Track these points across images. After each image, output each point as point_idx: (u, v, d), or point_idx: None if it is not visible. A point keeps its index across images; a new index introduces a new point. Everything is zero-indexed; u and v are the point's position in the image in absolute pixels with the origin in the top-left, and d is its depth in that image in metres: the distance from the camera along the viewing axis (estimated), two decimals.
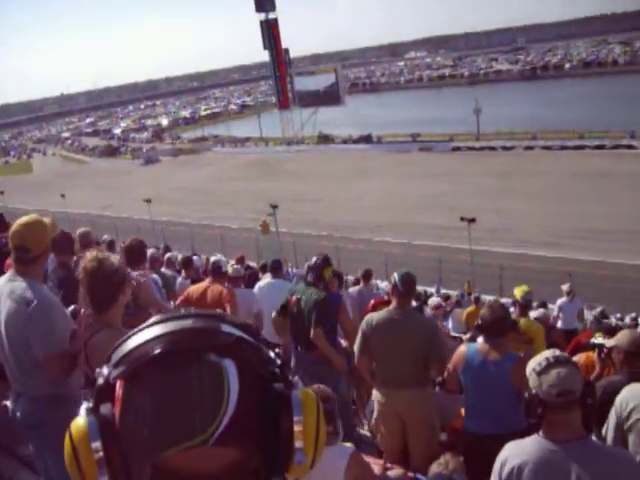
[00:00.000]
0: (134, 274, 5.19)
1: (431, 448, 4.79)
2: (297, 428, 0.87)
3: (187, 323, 0.84)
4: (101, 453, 0.83)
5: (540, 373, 2.76)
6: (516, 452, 2.77)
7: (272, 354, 0.90)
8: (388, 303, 7.22)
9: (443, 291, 22.26)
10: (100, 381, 0.87)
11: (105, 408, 0.86)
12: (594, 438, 3.59)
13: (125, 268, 3.53)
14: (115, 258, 3.48)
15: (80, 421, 0.86)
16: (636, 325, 12.53)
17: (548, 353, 2.82)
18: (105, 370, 0.87)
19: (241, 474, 0.81)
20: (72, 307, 3.55)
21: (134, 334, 0.86)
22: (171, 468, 0.78)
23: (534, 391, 2.77)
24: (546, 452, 2.66)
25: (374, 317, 4.98)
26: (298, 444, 0.87)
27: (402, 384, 4.82)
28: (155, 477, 0.79)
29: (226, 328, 0.85)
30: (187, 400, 0.77)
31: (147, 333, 0.84)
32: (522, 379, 4.18)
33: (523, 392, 4.16)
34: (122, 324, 3.45)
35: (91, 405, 0.87)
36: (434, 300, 8.84)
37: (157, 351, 0.80)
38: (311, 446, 0.88)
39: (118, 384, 0.85)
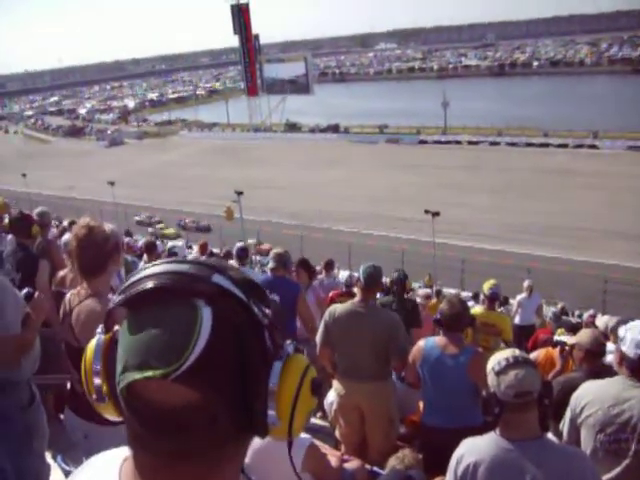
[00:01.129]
0: None
1: (389, 441, 4.78)
2: (274, 391, 0.89)
3: (183, 267, 0.88)
4: (98, 368, 0.97)
5: (499, 373, 2.75)
6: (472, 450, 2.77)
7: (261, 316, 0.90)
8: (346, 295, 7.21)
9: None
10: (110, 306, 0.94)
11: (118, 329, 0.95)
12: (551, 434, 3.62)
13: (118, 238, 3.44)
14: (108, 227, 3.39)
15: (94, 340, 1.00)
16: (593, 322, 12.68)
17: (508, 353, 2.81)
18: (115, 297, 0.92)
19: (197, 417, 0.84)
20: (25, 290, 3.43)
21: (145, 268, 0.92)
22: (137, 395, 0.85)
23: (492, 390, 2.77)
24: (502, 451, 2.66)
25: (337, 309, 4.95)
26: (272, 407, 0.89)
27: (363, 376, 4.79)
28: (126, 400, 0.88)
29: (217, 279, 0.88)
30: (159, 335, 0.83)
31: (151, 269, 0.90)
32: (479, 373, 4.17)
33: (480, 387, 4.18)
34: None
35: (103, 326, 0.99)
36: (424, 291, 8.82)
37: (148, 286, 0.86)
38: (286, 411, 0.90)
39: None
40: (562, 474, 2.54)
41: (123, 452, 0.98)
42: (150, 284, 0.87)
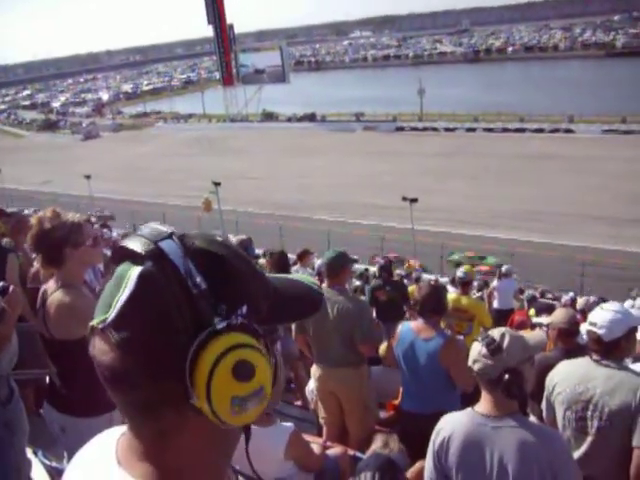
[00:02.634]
0: None
1: (365, 428, 4.79)
2: (186, 366, 0.85)
3: (145, 231, 0.92)
4: None
5: (472, 346, 2.82)
6: (448, 423, 2.83)
7: (192, 285, 0.87)
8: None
9: None
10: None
11: None
12: (532, 415, 3.68)
13: (73, 229, 3.39)
14: (66, 217, 3.35)
15: None
16: (572, 305, 12.82)
17: (494, 331, 2.83)
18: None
19: (119, 373, 0.86)
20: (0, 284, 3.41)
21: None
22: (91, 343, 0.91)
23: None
24: (474, 425, 2.71)
25: None
26: (188, 383, 0.85)
27: (334, 362, 4.82)
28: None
29: (164, 243, 0.89)
30: (108, 290, 0.90)
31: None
32: (451, 358, 4.22)
33: (453, 372, 4.22)
34: None
35: None
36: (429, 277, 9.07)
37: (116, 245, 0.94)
38: (202, 391, 0.84)
39: None
40: (533, 452, 2.57)
41: (123, 428, 0.99)
42: (119, 244, 0.93)
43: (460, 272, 7.61)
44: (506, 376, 2.61)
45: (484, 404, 2.74)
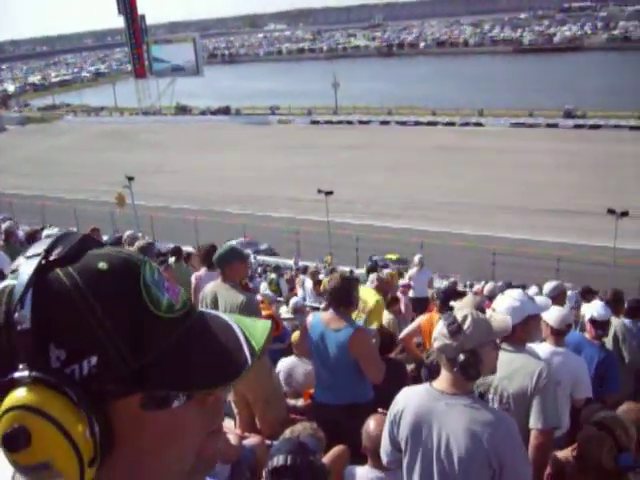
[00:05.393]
0: None
1: (270, 421, 4.83)
2: None
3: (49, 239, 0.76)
4: None
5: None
6: (405, 396, 2.91)
7: (17, 323, 0.68)
8: None
9: (301, 263, 22.54)
10: None
11: None
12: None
13: None
14: None
15: None
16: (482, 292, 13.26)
17: (459, 311, 2.87)
18: None
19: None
20: None
21: None
22: None
23: None
24: (428, 399, 2.78)
25: (206, 288, 5.03)
26: None
27: None
28: None
29: (26, 262, 0.71)
30: None
31: None
32: (360, 350, 4.24)
33: (362, 363, 4.26)
34: None
35: None
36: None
37: None
38: None
39: None
40: (481, 433, 2.61)
41: None
42: None
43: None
44: (461, 357, 2.65)
45: (441, 380, 2.79)
